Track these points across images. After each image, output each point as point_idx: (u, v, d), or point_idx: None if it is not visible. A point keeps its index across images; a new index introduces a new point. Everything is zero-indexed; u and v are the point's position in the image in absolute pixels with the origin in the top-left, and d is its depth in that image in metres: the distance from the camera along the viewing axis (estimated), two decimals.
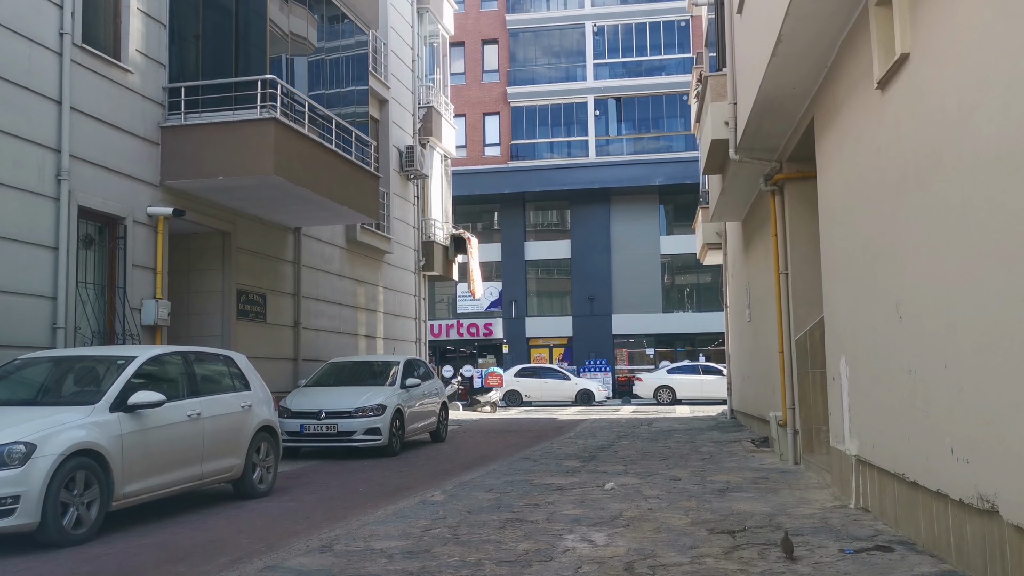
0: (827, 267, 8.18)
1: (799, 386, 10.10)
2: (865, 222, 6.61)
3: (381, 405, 12.97)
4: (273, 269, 14.09)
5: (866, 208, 6.58)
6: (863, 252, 6.68)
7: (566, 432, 17.00)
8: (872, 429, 6.62)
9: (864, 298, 6.71)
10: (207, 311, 12.92)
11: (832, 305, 8.01)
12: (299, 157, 11.80)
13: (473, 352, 39.14)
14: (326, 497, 9.06)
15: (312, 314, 15.34)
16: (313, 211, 13.40)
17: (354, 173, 13.56)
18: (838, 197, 7.59)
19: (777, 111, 9.20)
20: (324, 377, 14.16)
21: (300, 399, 13.15)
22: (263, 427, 9.11)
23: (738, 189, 12.60)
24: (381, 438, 12.80)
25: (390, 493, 9.20)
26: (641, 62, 37.69)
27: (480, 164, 38.26)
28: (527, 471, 10.39)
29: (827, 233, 8.12)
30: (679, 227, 37.43)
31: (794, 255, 10.26)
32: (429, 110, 21.17)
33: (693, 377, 30.24)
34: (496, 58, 38.89)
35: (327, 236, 16.02)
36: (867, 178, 6.53)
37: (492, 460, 12.13)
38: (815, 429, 10.03)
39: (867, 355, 6.68)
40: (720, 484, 8.82)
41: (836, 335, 7.85)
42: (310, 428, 12.70)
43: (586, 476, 9.75)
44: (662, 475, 9.68)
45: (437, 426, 15.43)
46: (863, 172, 6.64)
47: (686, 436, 15.09)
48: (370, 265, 18.04)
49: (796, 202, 10.29)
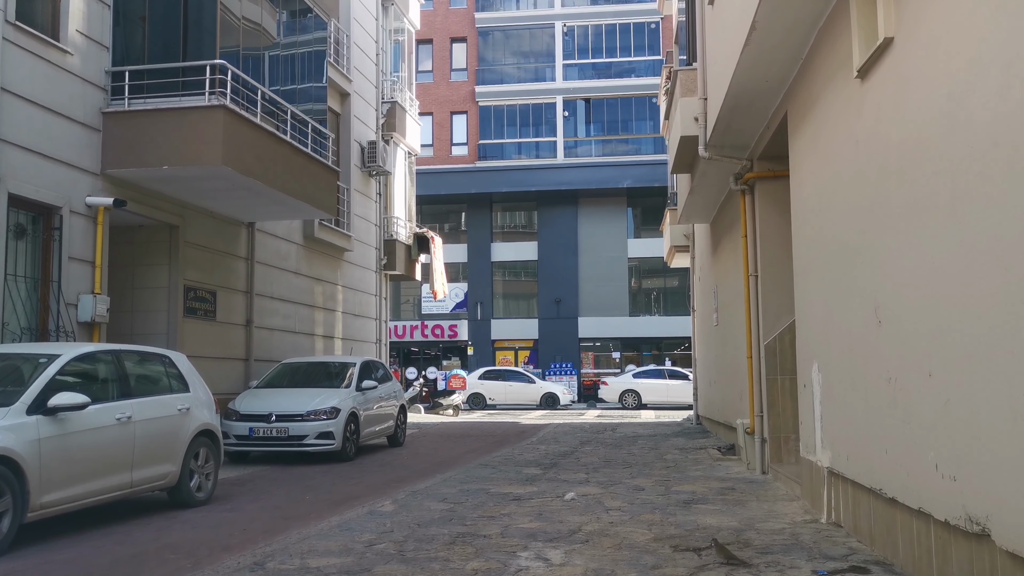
0: (799, 269, 7.82)
1: (768, 393, 9.76)
2: (841, 221, 6.24)
3: (335, 408, 12.43)
4: (224, 265, 13.48)
5: (843, 206, 6.20)
6: (839, 253, 6.31)
7: (528, 437, 16.57)
8: (846, 440, 6.24)
9: (839, 301, 6.33)
10: (152, 308, 12.28)
11: (804, 309, 7.65)
12: (250, 147, 11.23)
13: (438, 354, 38.61)
14: (269, 506, 8.52)
15: (266, 313, 14.74)
16: (266, 205, 12.81)
17: (310, 166, 13.00)
18: (812, 195, 7.23)
19: (749, 106, 8.84)
20: (276, 378, 13.57)
21: (250, 401, 12.56)
22: (202, 431, 8.55)
23: (707, 189, 12.25)
24: (334, 443, 12.26)
25: (338, 502, 8.68)
26: (611, 63, 37.39)
27: (447, 164, 37.73)
28: (485, 479, 9.93)
29: (800, 233, 7.76)
30: (647, 230, 37.18)
31: (764, 257, 9.92)
32: (393, 105, 20.61)
33: (659, 382, 30.02)
34: (464, 56, 38.38)
35: (283, 232, 15.42)
36: (844, 174, 6.15)
37: (449, 467, 11.65)
38: (784, 438, 9.69)
39: (842, 362, 6.30)
40: (685, 495, 8.43)
41: (808, 340, 7.48)
42: (259, 431, 12.12)
43: (546, 485, 9.31)
44: (625, 484, 9.27)
45: (395, 430, 14.91)
46: (840, 168, 6.27)
47: (651, 442, 14.71)
48: (329, 263, 17.46)
49: (767, 202, 9.95)
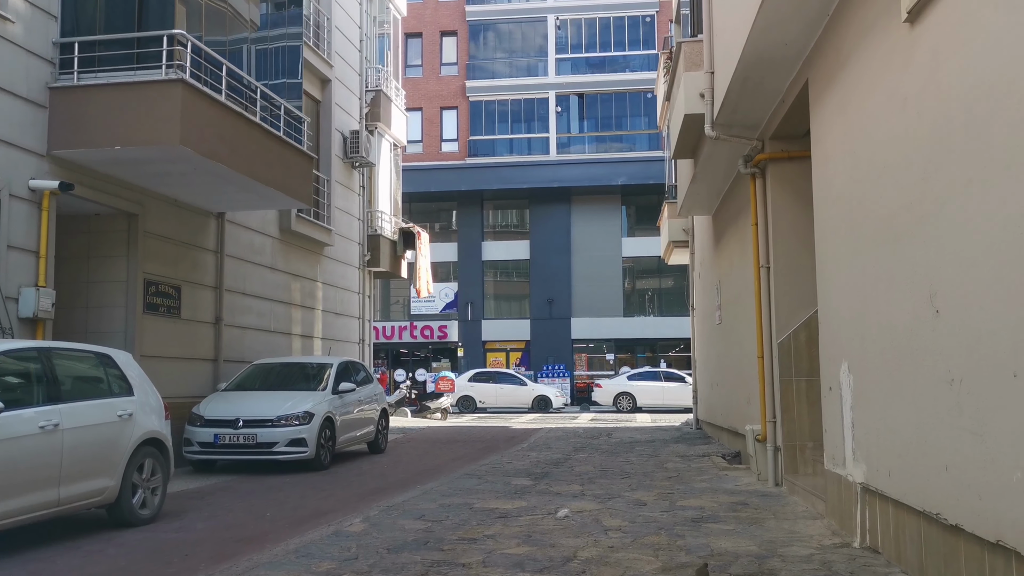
0: (823, 256, 6.89)
1: (781, 396, 8.83)
2: (882, 196, 5.31)
3: (308, 413, 11.46)
4: (190, 258, 12.49)
5: (884, 178, 5.28)
6: (878, 233, 5.38)
7: (519, 443, 15.61)
8: (888, 452, 5.31)
9: (879, 290, 5.40)
10: (108, 303, 11.28)
11: (830, 302, 6.72)
12: (213, 127, 10.25)
13: (428, 355, 37.63)
14: (223, 525, 7.55)
15: (237, 310, 13.75)
16: (235, 193, 11.83)
17: (283, 151, 12.02)
18: (840, 171, 6.30)
19: (762, 77, 7.92)
20: (247, 381, 12.59)
21: (216, 405, 11.58)
22: (148, 440, 7.56)
23: (711, 176, 11.32)
24: (307, 450, 11.28)
25: (302, 520, 7.72)
26: (605, 58, 36.47)
27: (437, 160, 36.76)
28: (469, 492, 8.98)
29: (824, 216, 6.83)
30: (641, 229, 36.26)
31: (777, 247, 9.00)
32: (378, 94, 19.64)
33: (654, 384, 29.12)
34: (455, 51, 37.41)
35: (257, 224, 14.43)
36: (886, 140, 5.23)
37: (432, 476, 10.70)
38: (799, 446, 8.76)
39: (882, 360, 5.37)
40: (693, 511, 7.49)
41: (835, 337, 6.55)
42: (225, 438, 11.14)
43: (536, 499, 8.36)
44: (624, 499, 8.33)
45: (375, 436, 13.94)
46: (880, 134, 5.35)
47: (649, 449, 13.77)
48: (307, 258, 16.47)
49: (780, 186, 9.03)
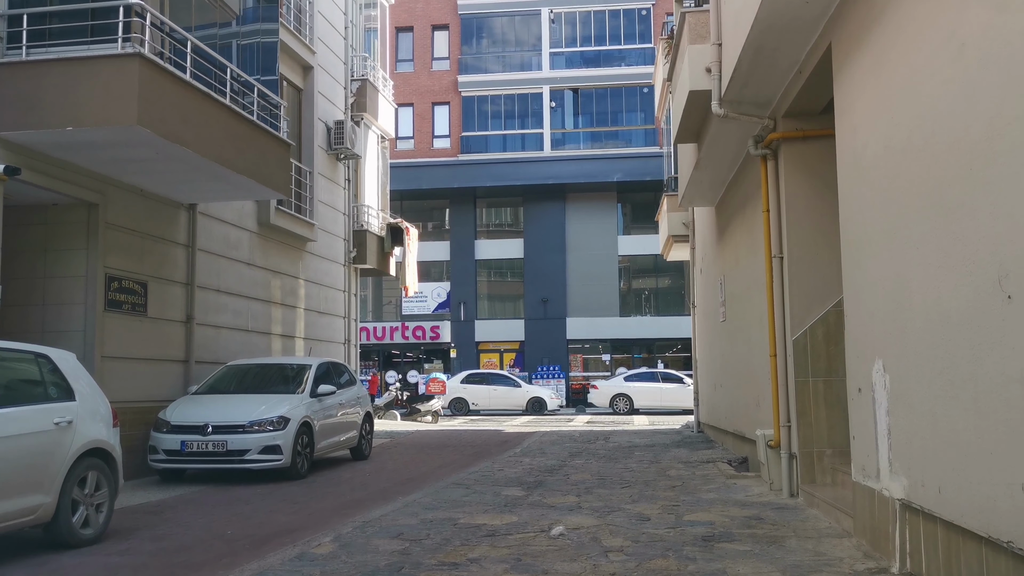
0: (851, 239, 6.09)
1: (797, 398, 8.04)
2: (931, 162, 4.52)
3: (283, 418, 10.64)
4: (158, 252, 11.66)
5: (933, 142, 4.49)
6: (926, 206, 4.59)
7: (511, 448, 14.81)
8: (938, 465, 4.51)
9: (926, 273, 4.61)
10: (67, 300, 10.44)
11: (859, 290, 5.92)
12: (177, 108, 9.43)
13: (421, 357, 36.81)
14: (175, 546, 6.72)
15: (211, 308, 12.91)
16: (205, 182, 11.00)
17: (257, 137, 11.20)
18: (874, 140, 5.51)
19: (778, 45, 7.12)
20: (219, 383, 11.76)
21: (183, 410, 10.75)
22: (92, 450, 6.74)
23: (717, 160, 10.53)
24: (281, 458, 10.46)
25: (266, 539, 6.90)
26: (600, 52, 35.66)
27: (428, 156, 35.92)
28: (455, 504, 8.17)
29: (852, 193, 6.04)
30: (638, 227, 35.46)
31: (792, 234, 8.22)
32: (364, 83, 18.82)
33: (652, 385, 28.35)
34: (447, 45, 36.57)
35: (232, 217, 13.60)
36: (936, 98, 4.44)
37: (416, 486, 9.89)
38: (817, 453, 7.98)
39: (930, 356, 4.58)
40: (702, 527, 6.69)
41: (866, 331, 5.76)
42: (192, 445, 10.31)
43: (528, 513, 7.56)
44: (625, 512, 7.53)
45: (359, 441, 13.12)
46: (928, 91, 4.56)
47: (650, 454, 12.97)
48: (289, 254, 15.64)
49: (794, 169, 8.25)
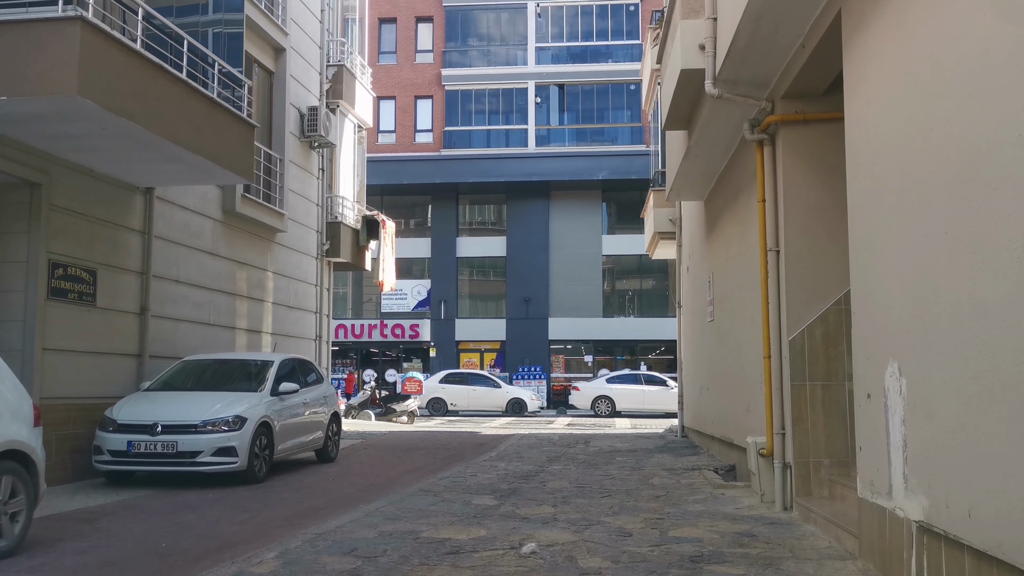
0: (862, 227, 5.44)
1: (792, 404, 7.40)
2: (968, 130, 3.87)
3: (239, 417, 9.90)
4: (110, 238, 10.88)
5: (971, 106, 3.84)
6: (960, 182, 3.94)
7: (487, 451, 14.12)
8: (968, 484, 3.86)
9: (957, 260, 3.96)
10: (5, 287, 9.63)
11: (870, 284, 5.27)
12: (125, 79, 8.68)
13: (401, 355, 36.08)
14: (97, 561, 5.98)
15: (169, 299, 12.14)
16: (159, 163, 10.24)
17: (216, 116, 10.44)
18: (894, 111, 4.86)
19: (780, 15, 6.48)
20: (174, 379, 10.99)
21: (132, 407, 9.98)
22: (7, 452, 5.99)
23: (708, 148, 9.88)
24: (236, 460, 9.72)
25: (203, 554, 6.18)
26: (587, 48, 35.03)
27: (410, 151, 35.19)
28: (420, 514, 7.47)
29: (864, 173, 5.39)
30: (623, 226, 34.87)
31: (789, 227, 7.58)
32: (340, 69, 18.06)
33: (634, 387, 27.76)
34: (430, 37, 35.83)
35: (194, 203, 12.82)
36: (981, 55, 3.79)
37: (381, 493, 9.19)
38: (814, 463, 7.34)
39: (960, 358, 3.93)
40: (689, 545, 6.02)
41: (879, 328, 5.11)
42: (140, 446, 9.55)
43: (498, 526, 6.87)
44: (604, 526, 6.85)
45: (324, 443, 12.38)
46: (966, 47, 3.91)
47: (632, 460, 12.32)
48: (256, 244, 14.87)
49: (793, 155, 7.61)
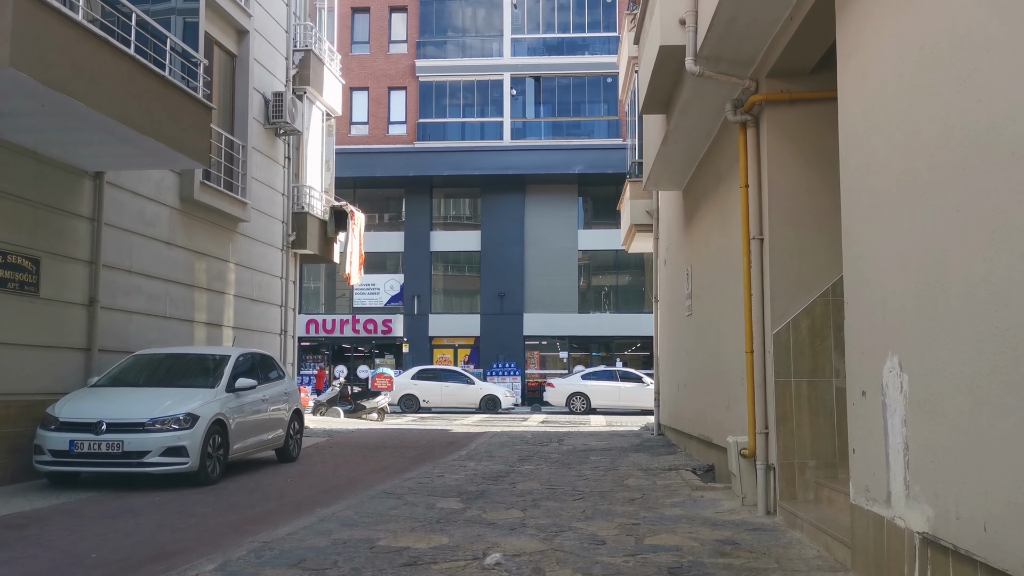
0: (857, 208, 4.99)
1: (777, 402, 6.96)
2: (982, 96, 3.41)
3: (191, 415, 9.31)
4: (54, 225, 10.25)
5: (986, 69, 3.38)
6: (972, 156, 3.49)
7: (457, 449, 13.61)
8: (980, 493, 3.41)
9: (970, 242, 3.51)
10: None
11: (867, 270, 4.82)
12: (65, 52, 8.07)
13: (374, 351, 35.46)
14: (17, 575, 5.41)
15: (121, 291, 11.51)
16: (107, 144, 9.62)
17: (168, 95, 9.83)
18: (896, 78, 4.40)
19: None
20: (125, 375, 10.37)
21: (76, 405, 9.37)
22: None
23: (688, 132, 9.42)
24: (187, 461, 9.14)
25: (135, 566, 5.62)
26: (563, 39, 34.54)
27: (383, 143, 34.55)
28: (379, 519, 6.95)
29: (859, 150, 4.94)
30: (599, 222, 34.45)
31: (774, 213, 7.14)
32: (308, 54, 17.45)
33: (610, 384, 27.37)
34: (404, 27, 35.18)
35: (149, 190, 12.19)
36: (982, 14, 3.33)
37: (341, 495, 8.66)
38: (799, 465, 6.91)
39: (973, 351, 3.48)
40: (668, 555, 5.55)
41: (876, 320, 4.66)
42: (83, 446, 8.95)
43: (462, 532, 6.37)
44: (576, 532, 6.38)
45: (285, 441, 11.81)
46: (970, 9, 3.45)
47: (606, 459, 11.86)
48: (217, 234, 14.25)
49: (778, 136, 7.17)
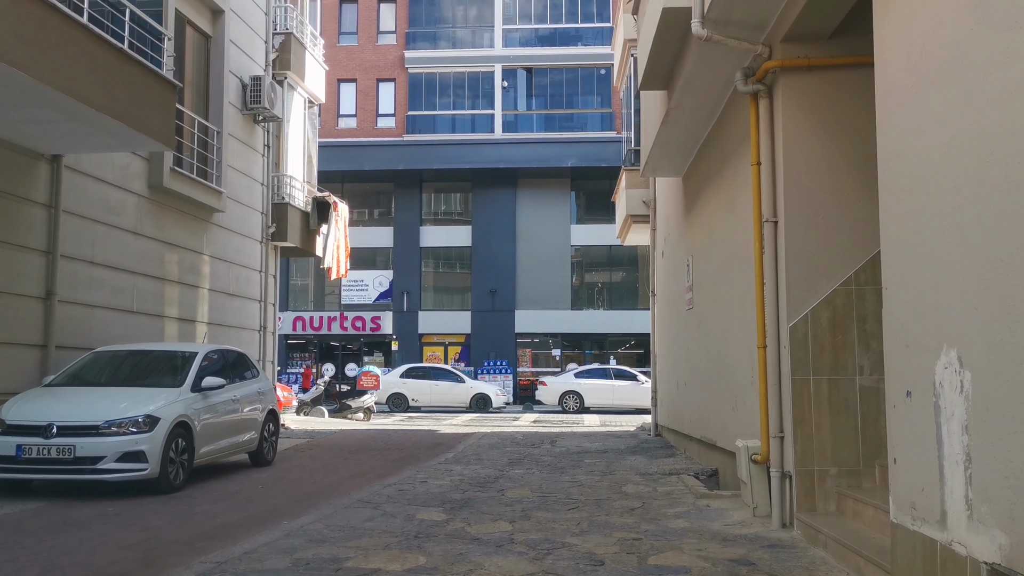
0: (899, 174, 4.27)
1: (795, 402, 6.25)
2: None
3: (150, 417, 8.55)
4: (6, 211, 9.48)
5: None
6: None
7: (444, 452, 12.87)
8: None
9: None
10: None
11: (914, 248, 4.10)
12: (7, 19, 7.32)
13: (363, 349, 34.70)
14: None
15: (82, 283, 10.75)
16: (61, 123, 8.86)
17: (127, 70, 9.08)
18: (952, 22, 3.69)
19: None
20: (83, 373, 9.60)
21: (25, 406, 8.60)
22: None
23: (691, 110, 8.70)
24: (146, 467, 8.38)
25: None
26: (555, 30, 33.82)
27: (372, 136, 33.76)
28: (351, 534, 6.22)
29: (906, 105, 4.22)
30: (592, 216, 33.73)
31: (790, 192, 6.43)
32: (288, 38, 16.67)
33: (603, 382, 26.68)
34: (393, 17, 34.37)
35: (114, 176, 11.42)
36: None
37: (312, 505, 7.92)
38: (819, 473, 6.21)
39: None
40: None
41: (926, 307, 3.94)
42: (31, 451, 8.18)
43: (442, 550, 5.64)
44: (570, 550, 5.66)
45: (259, 444, 11.05)
46: None
47: (602, 462, 11.14)
48: (189, 225, 13.47)
49: (795, 107, 6.47)
